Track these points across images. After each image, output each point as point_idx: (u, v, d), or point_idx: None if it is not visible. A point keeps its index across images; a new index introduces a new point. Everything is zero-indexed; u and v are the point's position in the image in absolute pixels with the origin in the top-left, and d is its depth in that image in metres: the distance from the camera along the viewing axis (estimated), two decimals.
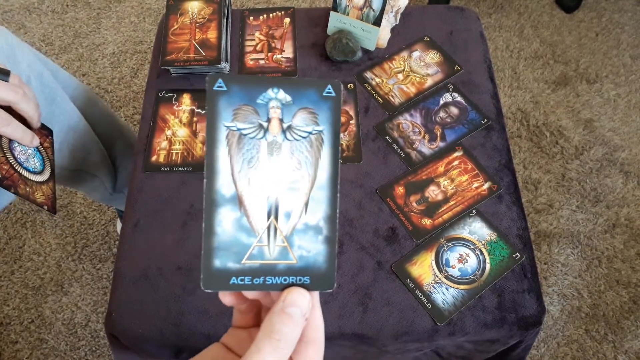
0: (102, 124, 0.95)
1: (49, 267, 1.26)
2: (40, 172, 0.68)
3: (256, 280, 0.31)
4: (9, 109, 0.61)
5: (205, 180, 0.30)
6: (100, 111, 0.95)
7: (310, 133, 0.31)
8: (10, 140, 0.63)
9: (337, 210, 0.32)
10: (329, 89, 0.31)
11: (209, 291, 0.30)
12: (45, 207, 0.68)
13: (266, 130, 0.31)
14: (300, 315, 0.29)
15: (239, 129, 0.31)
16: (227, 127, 0.30)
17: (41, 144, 0.68)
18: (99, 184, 0.98)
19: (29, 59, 0.75)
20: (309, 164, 0.31)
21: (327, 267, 0.31)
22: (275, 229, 0.31)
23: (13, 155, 0.64)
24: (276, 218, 0.31)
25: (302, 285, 0.31)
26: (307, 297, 0.30)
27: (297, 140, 0.31)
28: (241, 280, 0.30)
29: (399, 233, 0.71)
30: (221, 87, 0.30)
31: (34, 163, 0.67)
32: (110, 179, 0.98)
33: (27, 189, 0.65)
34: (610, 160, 1.40)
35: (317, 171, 0.31)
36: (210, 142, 0.30)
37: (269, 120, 0.31)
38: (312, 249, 0.31)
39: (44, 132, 0.70)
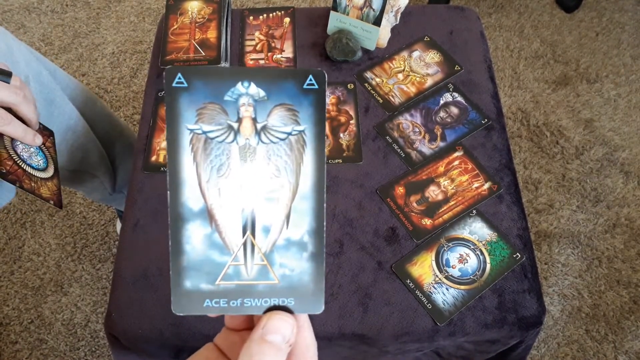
0: (101, 124, 0.94)
1: (49, 267, 1.26)
2: (44, 169, 0.68)
3: (233, 303, 0.27)
4: (9, 110, 0.61)
5: (168, 192, 0.27)
6: (99, 111, 0.95)
7: (289, 134, 0.27)
8: (13, 139, 0.64)
9: (324, 223, 0.28)
10: (311, 80, 0.27)
11: (181, 315, 0.27)
12: (52, 202, 0.68)
13: (237, 132, 0.27)
14: (283, 342, 0.26)
15: (204, 132, 0.26)
16: (191, 130, 0.26)
17: (43, 143, 0.69)
18: (98, 184, 0.98)
19: (27, 59, 0.75)
20: (289, 171, 0.27)
21: (314, 286, 0.28)
22: (253, 246, 0.27)
23: (16, 153, 0.64)
24: (253, 233, 0.27)
25: (286, 308, 0.28)
26: (291, 322, 0.27)
27: (274, 142, 0.27)
28: (216, 302, 0.27)
29: (399, 233, 0.71)
30: (181, 82, 0.26)
31: (37, 160, 0.67)
32: (109, 179, 0.98)
33: (32, 184, 0.66)
34: (610, 160, 1.39)
35: (299, 178, 0.27)
36: (172, 148, 0.26)
37: (239, 120, 0.27)
38: (296, 267, 0.28)
39: (45, 132, 0.70)
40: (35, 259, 1.27)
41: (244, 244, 0.27)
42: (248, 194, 0.27)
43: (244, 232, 0.27)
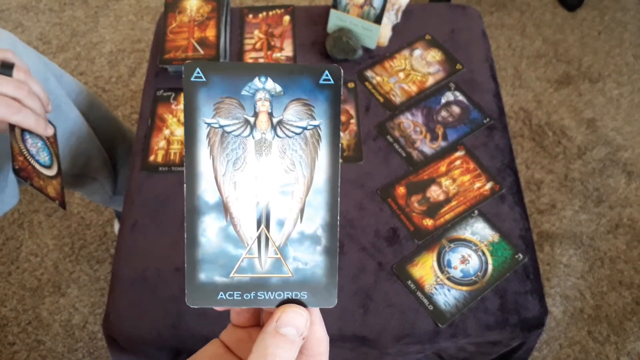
0: (104, 127, 0.94)
1: (46, 268, 1.25)
2: (49, 167, 0.66)
3: (247, 296, 0.28)
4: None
5: (185, 185, 0.27)
6: (103, 115, 0.95)
7: (304, 128, 0.28)
8: (22, 132, 0.61)
9: (338, 217, 0.28)
10: (327, 76, 0.27)
11: (195, 307, 0.27)
12: (57, 202, 0.66)
13: (253, 126, 0.28)
14: (297, 335, 0.26)
15: (221, 126, 0.27)
16: (208, 123, 0.27)
17: (48, 138, 0.67)
18: (99, 187, 0.97)
19: (34, 64, 0.74)
20: (303, 165, 0.28)
21: (327, 280, 0.28)
22: (267, 239, 0.28)
23: (26, 147, 0.62)
24: (267, 227, 0.28)
25: (299, 302, 0.28)
26: (304, 315, 0.27)
27: (289, 137, 0.28)
28: (230, 295, 0.28)
29: (400, 234, 0.70)
30: (200, 77, 0.27)
31: (44, 157, 0.65)
32: (110, 182, 0.98)
33: (41, 182, 0.64)
34: (613, 160, 1.39)
35: (314, 173, 0.28)
36: (190, 141, 0.27)
37: (256, 114, 0.27)
38: (310, 260, 0.28)
39: (49, 126, 0.68)
40: (33, 260, 1.26)
41: (259, 237, 0.28)
42: (263, 188, 0.28)
43: (259, 226, 0.28)
